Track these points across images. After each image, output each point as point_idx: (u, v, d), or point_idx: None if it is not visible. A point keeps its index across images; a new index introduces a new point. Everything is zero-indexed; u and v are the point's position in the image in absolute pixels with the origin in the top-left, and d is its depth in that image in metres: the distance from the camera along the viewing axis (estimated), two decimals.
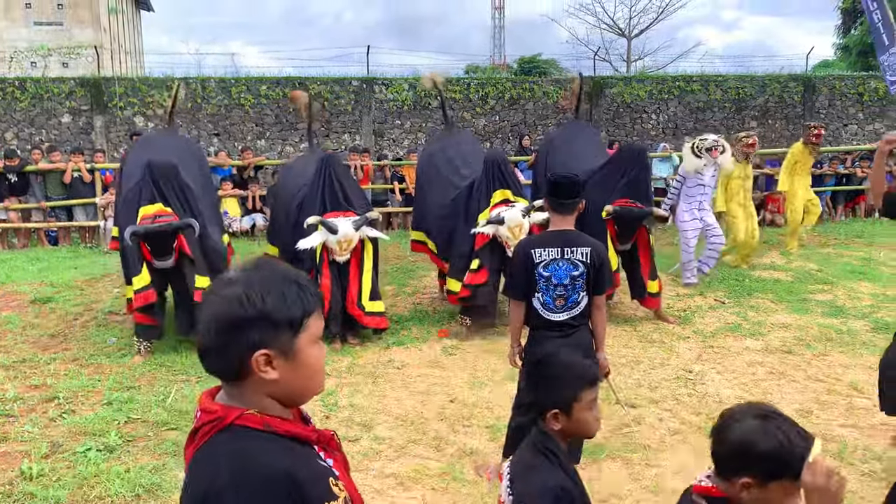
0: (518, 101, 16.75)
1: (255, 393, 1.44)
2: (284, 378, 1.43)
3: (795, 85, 17.59)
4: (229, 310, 1.39)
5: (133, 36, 46.48)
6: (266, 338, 1.40)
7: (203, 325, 1.43)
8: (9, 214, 11.98)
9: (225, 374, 1.45)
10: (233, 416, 1.40)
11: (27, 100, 14.92)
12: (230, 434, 1.40)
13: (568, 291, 3.75)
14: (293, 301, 1.42)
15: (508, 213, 6.48)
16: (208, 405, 1.44)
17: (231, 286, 1.42)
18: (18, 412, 5.08)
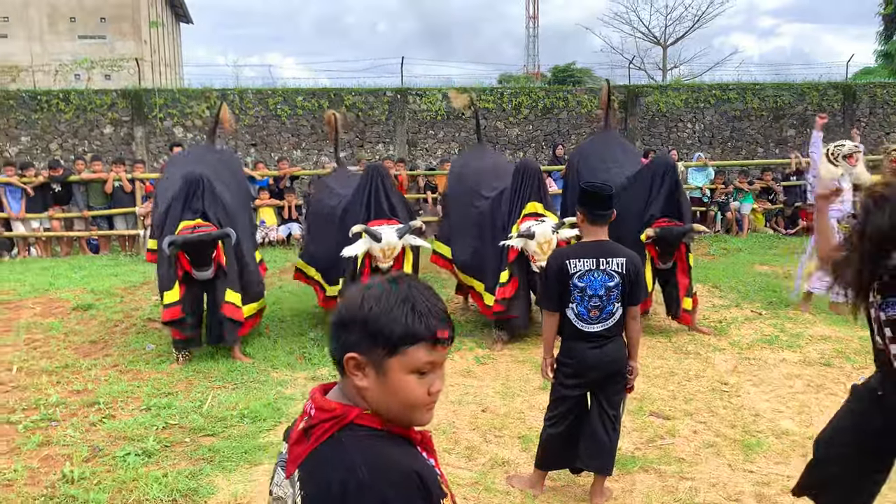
0: (552, 110, 16.73)
1: (355, 392, 1.45)
2: (374, 391, 1.43)
3: (835, 93, 17.32)
4: (345, 305, 1.46)
5: (173, 48, 47.40)
6: (360, 343, 1.42)
7: (334, 313, 1.49)
8: (52, 223, 12.30)
9: (334, 363, 1.49)
10: (353, 414, 1.42)
11: (71, 111, 15.32)
12: (353, 432, 1.41)
13: (603, 302, 3.74)
14: (397, 320, 1.40)
15: (539, 228, 6.47)
16: (324, 403, 1.44)
17: (367, 288, 1.46)
18: (61, 416, 5.21)
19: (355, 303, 1.43)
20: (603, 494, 3.98)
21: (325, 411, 1.43)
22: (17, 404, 5.42)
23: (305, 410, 1.47)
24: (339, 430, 1.41)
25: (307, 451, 1.42)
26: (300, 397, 5.56)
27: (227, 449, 4.62)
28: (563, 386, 3.91)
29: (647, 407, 5.30)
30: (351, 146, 15.93)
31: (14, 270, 10.60)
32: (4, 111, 15.16)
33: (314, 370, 6.24)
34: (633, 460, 4.43)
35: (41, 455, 4.59)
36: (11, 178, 11.97)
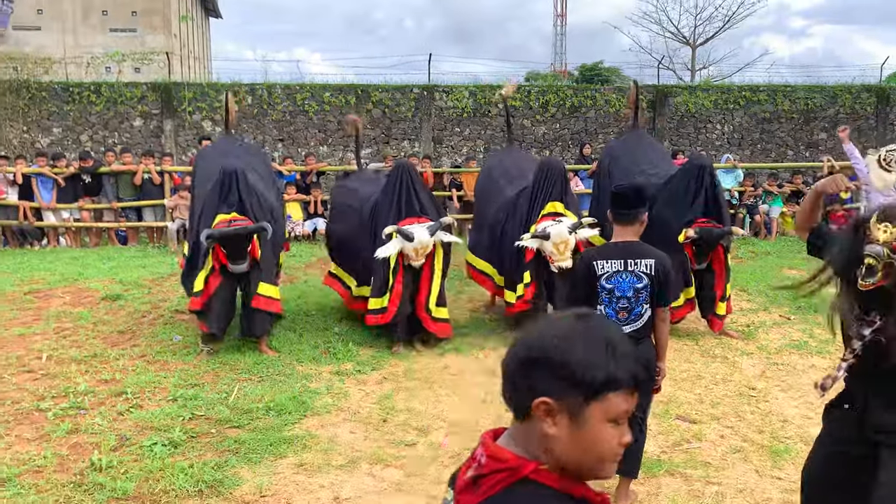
0: (579, 108, 16.64)
1: (535, 441, 1.32)
2: (563, 440, 1.29)
3: (868, 96, 17.04)
4: (535, 343, 1.32)
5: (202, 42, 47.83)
6: (554, 387, 1.28)
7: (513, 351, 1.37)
8: (82, 214, 12.46)
9: (513, 408, 1.36)
10: (528, 469, 1.29)
11: (102, 104, 15.51)
12: (527, 488, 1.29)
13: (631, 304, 3.71)
14: (599, 364, 1.28)
15: (554, 229, 6.43)
16: (498, 452, 1.33)
17: (554, 324, 1.36)
18: (89, 405, 5.27)
19: (547, 342, 1.30)
20: (628, 497, 3.94)
21: (498, 461, 1.31)
22: (46, 392, 5.50)
23: (475, 457, 1.36)
24: (513, 484, 1.29)
25: (477, 502, 1.32)
26: (325, 391, 5.59)
27: (253, 441, 4.65)
28: None
29: (674, 410, 5.25)
30: (377, 143, 15.97)
31: (44, 260, 10.76)
32: (37, 102, 15.39)
33: (339, 364, 6.26)
34: (658, 464, 4.39)
35: (70, 442, 4.65)
36: (43, 169, 12.15)
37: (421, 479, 4.22)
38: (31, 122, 15.43)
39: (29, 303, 8.23)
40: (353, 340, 6.89)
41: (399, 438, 4.77)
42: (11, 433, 4.79)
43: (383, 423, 5.04)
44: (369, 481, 4.19)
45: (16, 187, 12.10)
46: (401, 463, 4.42)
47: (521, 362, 1.32)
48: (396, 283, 6.50)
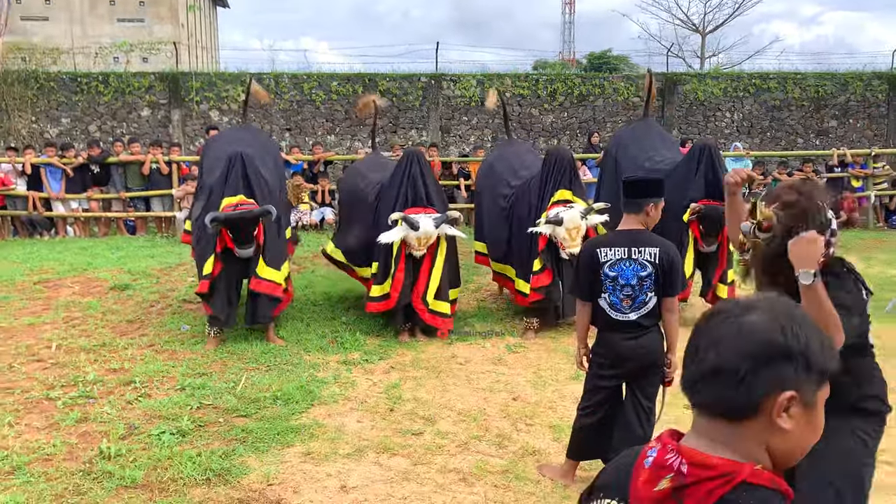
0: (587, 97, 16.55)
1: (755, 440, 1.20)
2: (795, 433, 1.20)
3: (880, 83, 16.87)
4: (772, 336, 1.18)
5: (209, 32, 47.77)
6: (798, 380, 1.18)
7: (722, 345, 1.21)
8: (91, 204, 12.50)
9: (730, 408, 1.20)
10: (745, 473, 1.16)
11: (110, 94, 15.53)
12: (750, 495, 1.15)
13: (635, 292, 3.69)
14: (828, 350, 1.22)
15: (567, 214, 6.41)
16: (703, 459, 1.18)
17: (757, 311, 1.22)
18: (98, 394, 5.30)
19: (779, 332, 1.19)
20: None
21: (706, 468, 1.17)
22: (56, 381, 5.54)
23: (664, 464, 1.21)
24: (729, 492, 1.15)
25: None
26: (332, 380, 5.60)
27: (260, 430, 4.66)
28: (597, 376, 3.88)
29: (682, 400, 5.21)
30: (384, 132, 15.93)
31: (53, 250, 10.81)
32: (45, 93, 15.42)
33: (346, 354, 6.27)
34: None
35: (79, 431, 4.68)
36: (52, 159, 12.19)
37: (428, 467, 4.23)
38: (39, 112, 15.47)
39: (38, 292, 8.28)
40: (360, 330, 6.89)
41: (406, 427, 4.78)
42: (21, 422, 4.82)
43: (390, 412, 5.05)
44: (376, 470, 4.20)
45: (24, 177, 12.14)
46: (408, 452, 4.43)
47: (755, 357, 1.18)
48: (398, 271, 6.50)
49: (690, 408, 1.26)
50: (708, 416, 1.22)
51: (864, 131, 16.89)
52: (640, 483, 1.23)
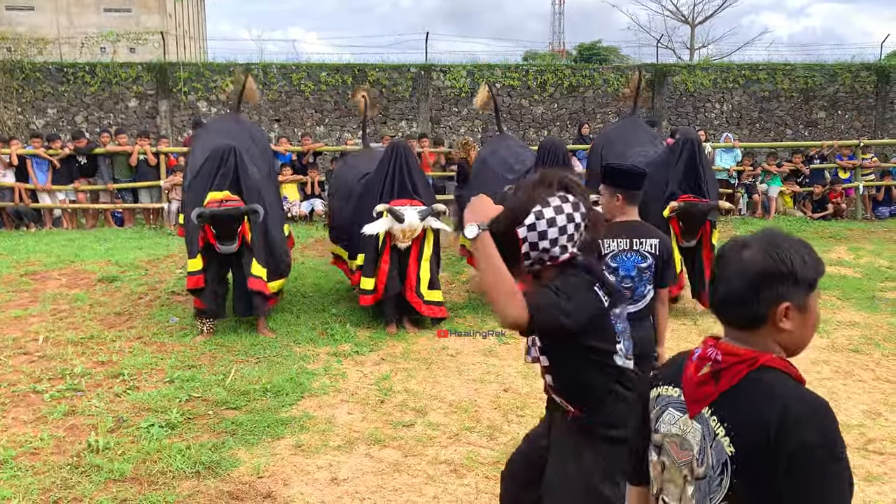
0: (577, 88, 16.54)
1: (767, 340, 1.60)
2: (794, 329, 1.59)
3: (868, 74, 16.94)
4: (765, 265, 1.57)
5: (197, 22, 47.43)
6: (790, 292, 1.57)
7: (731, 277, 1.61)
8: (78, 195, 12.40)
9: (745, 321, 1.61)
10: (765, 358, 1.57)
11: (97, 84, 15.39)
12: (768, 373, 1.56)
13: (634, 283, 3.69)
14: (812, 264, 1.60)
15: None
16: (733, 349, 1.60)
17: (752, 247, 1.61)
18: (86, 387, 5.26)
19: (772, 260, 1.57)
20: None
21: (736, 356, 1.58)
22: (43, 374, 5.49)
23: (705, 357, 1.63)
24: (752, 372, 1.56)
25: (719, 392, 1.58)
26: (322, 372, 5.58)
27: (250, 422, 4.64)
28: None
29: None
30: (374, 123, 15.87)
31: (40, 242, 10.72)
32: (31, 83, 15.26)
33: (336, 346, 6.25)
34: None
35: (67, 424, 4.64)
36: (38, 150, 12.06)
37: (419, 459, 4.22)
38: (25, 103, 15.32)
39: (25, 285, 8.20)
40: (350, 321, 6.87)
41: (397, 419, 4.77)
42: (8, 415, 4.78)
43: (381, 403, 5.03)
44: (367, 462, 4.19)
45: (11, 169, 12.02)
46: (399, 444, 4.42)
47: (755, 284, 1.58)
48: (382, 262, 6.50)
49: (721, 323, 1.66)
50: (732, 327, 1.64)
51: (852, 122, 16.96)
52: (688, 372, 1.66)
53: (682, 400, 1.66)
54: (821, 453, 1.45)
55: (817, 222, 12.71)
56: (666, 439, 1.69)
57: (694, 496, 1.59)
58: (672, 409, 1.68)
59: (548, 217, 2.28)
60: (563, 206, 2.30)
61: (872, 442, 4.46)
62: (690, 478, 1.61)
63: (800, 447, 1.44)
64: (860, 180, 13.63)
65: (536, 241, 2.27)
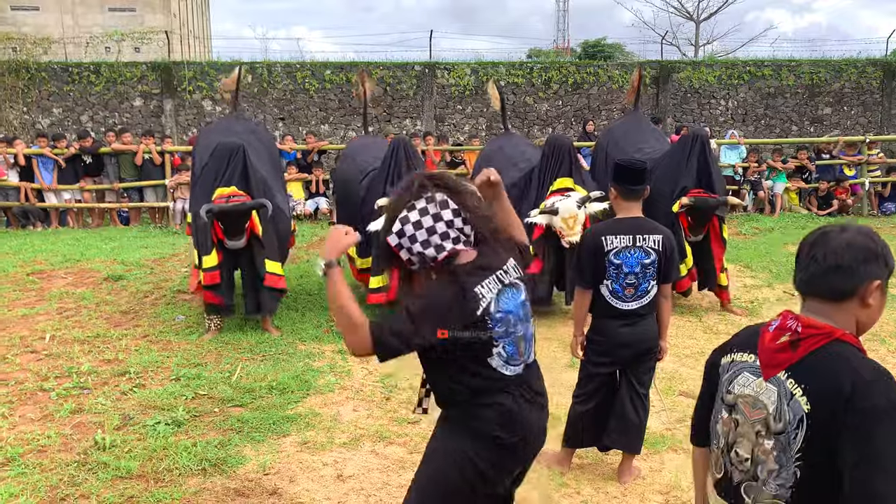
0: (582, 85, 16.51)
1: (849, 315, 1.79)
2: (874, 307, 1.79)
3: (874, 70, 16.87)
4: (866, 244, 1.76)
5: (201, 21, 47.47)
6: (881, 272, 1.77)
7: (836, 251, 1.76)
8: (83, 195, 12.43)
9: (838, 293, 1.77)
10: (839, 333, 1.75)
11: (102, 84, 15.43)
12: (841, 346, 1.74)
13: (638, 280, 3.68)
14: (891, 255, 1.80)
15: (563, 204, 6.41)
16: (812, 322, 1.77)
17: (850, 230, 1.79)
18: (92, 385, 5.28)
19: (871, 241, 1.77)
20: (631, 473, 3.95)
21: (815, 328, 1.76)
22: (50, 372, 5.51)
23: (784, 327, 1.81)
24: (827, 343, 1.74)
25: (797, 358, 1.76)
26: (328, 370, 5.59)
27: (256, 420, 4.65)
28: (592, 364, 3.87)
29: (677, 386, 5.25)
30: (378, 121, 15.88)
31: (46, 241, 10.75)
32: (37, 83, 15.31)
33: (341, 343, 6.25)
34: (662, 440, 4.39)
35: (73, 422, 4.66)
36: (44, 150, 12.10)
37: None
38: (30, 102, 15.36)
39: (32, 284, 8.24)
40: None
41: (402, 416, 4.77)
42: (16, 413, 4.80)
43: (386, 400, 5.04)
44: (372, 459, 4.20)
45: (16, 168, 12.06)
46: (404, 440, 4.43)
47: (861, 259, 1.75)
48: None
49: (802, 297, 1.84)
50: (819, 300, 1.80)
51: (858, 118, 16.90)
52: (766, 340, 1.84)
53: (757, 365, 1.84)
54: (887, 416, 1.62)
55: (823, 219, 12.66)
56: (739, 399, 1.87)
57: (774, 448, 1.78)
58: (746, 373, 1.87)
59: (413, 220, 2.31)
60: (428, 207, 2.32)
61: None
62: (765, 433, 1.80)
63: (870, 408, 1.63)
64: (866, 176, 13.58)
65: (409, 245, 2.32)
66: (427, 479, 2.49)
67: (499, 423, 2.38)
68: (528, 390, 2.46)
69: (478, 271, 2.33)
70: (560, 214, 6.39)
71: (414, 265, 2.37)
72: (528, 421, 2.45)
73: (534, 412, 2.48)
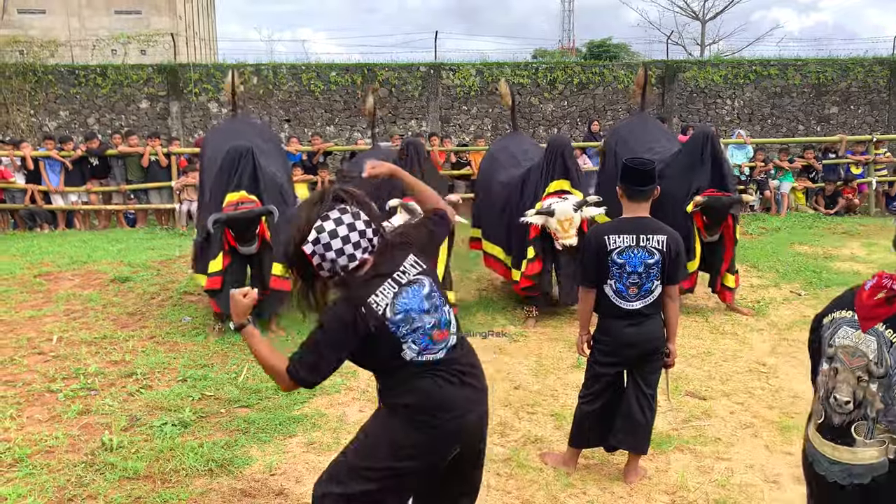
0: (587, 85, 16.50)
1: None
2: None
3: (881, 69, 16.82)
4: None
5: (207, 23, 47.62)
6: None
7: None
8: (90, 197, 12.47)
9: None
10: None
11: (108, 86, 15.49)
12: None
13: (642, 279, 3.68)
14: None
15: (559, 206, 6.41)
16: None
17: None
18: (100, 386, 5.30)
19: None
20: (637, 473, 3.94)
21: None
22: (57, 373, 5.53)
23: (880, 286, 2.11)
24: None
25: (894, 311, 2.09)
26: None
27: (262, 420, 4.66)
28: (598, 364, 3.87)
29: (684, 386, 5.23)
30: (384, 122, 15.89)
31: (53, 243, 10.79)
32: (44, 86, 15.38)
33: None
34: (668, 440, 4.38)
35: (81, 423, 4.68)
36: (51, 152, 12.14)
37: None
38: (38, 105, 15.44)
39: (39, 286, 8.27)
40: None
41: None
42: (23, 414, 4.82)
43: None
44: None
45: (23, 171, 12.10)
46: None
47: None
48: None
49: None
50: None
51: (865, 117, 16.84)
52: (863, 297, 2.15)
53: (856, 319, 2.16)
54: None
55: (830, 218, 12.61)
56: (839, 350, 2.18)
57: (879, 390, 2.11)
58: (846, 327, 2.18)
59: (329, 229, 2.44)
60: (343, 217, 2.47)
61: None
62: (868, 378, 2.12)
63: None
64: (873, 176, 13.53)
65: (323, 253, 2.45)
66: (361, 446, 2.71)
67: (421, 406, 2.55)
68: (451, 371, 2.59)
69: (373, 280, 2.50)
70: (556, 216, 6.39)
71: (325, 272, 2.50)
72: (454, 399, 2.57)
73: (462, 390, 2.60)
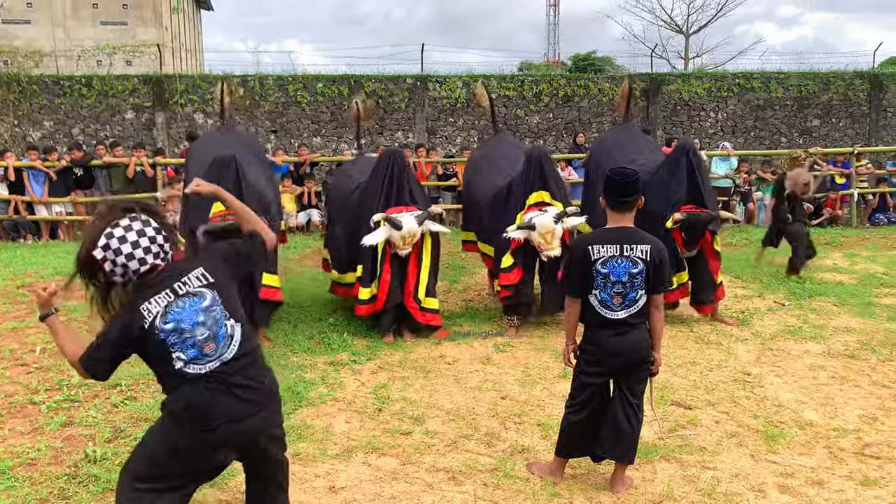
0: (572, 98, 16.62)
1: None
2: None
3: (862, 82, 17.05)
4: None
5: (193, 34, 47.53)
6: None
7: None
8: (75, 207, 12.39)
9: None
10: None
11: (93, 97, 15.43)
12: None
13: (626, 289, 3.70)
14: None
15: (539, 220, 6.43)
16: None
17: None
18: (83, 398, 5.25)
19: None
20: (623, 483, 3.95)
21: None
22: (40, 385, 5.48)
23: None
24: None
25: None
26: (320, 381, 5.58)
27: None
28: (584, 373, 3.88)
29: (669, 396, 5.25)
30: (370, 133, 15.91)
31: (36, 254, 10.70)
32: (28, 96, 15.30)
33: (333, 355, 6.25)
34: (654, 449, 4.39)
35: (64, 435, 4.63)
36: (35, 162, 12.07)
37: (417, 467, 4.22)
38: (22, 115, 15.35)
39: (22, 297, 8.19)
40: (347, 331, 6.87)
41: (394, 427, 4.76)
42: (5, 426, 4.77)
43: (378, 412, 5.03)
44: (365, 470, 4.18)
45: (6, 181, 12.01)
46: (396, 452, 4.42)
47: None
48: (384, 272, 6.50)
49: None
50: None
51: (846, 130, 17.05)
52: None
53: None
54: None
55: (813, 229, 12.72)
56: None
57: None
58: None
59: (118, 235, 2.69)
60: (133, 225, 2.72)
61: (869, 446, 4.47)
62: None
63: None
64: (856, 187, 13.68)
65: (114, 257, 2.70)
66: (143, 446, 3.01)
67: (185, 413, 2.80)
68: (221, 381, 2.78)
69: (152, 287, 2.75)
70: (537, 230, 6.42)
71: (118, 278, 2.74)
72: (218, 410, 2.77)
73: (229, 400, 2.79)
